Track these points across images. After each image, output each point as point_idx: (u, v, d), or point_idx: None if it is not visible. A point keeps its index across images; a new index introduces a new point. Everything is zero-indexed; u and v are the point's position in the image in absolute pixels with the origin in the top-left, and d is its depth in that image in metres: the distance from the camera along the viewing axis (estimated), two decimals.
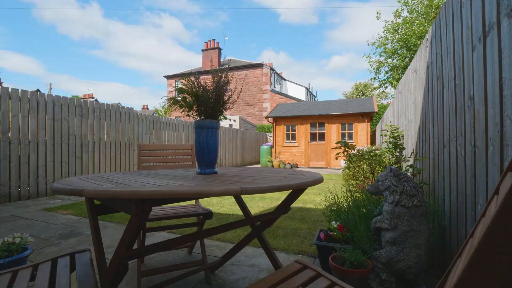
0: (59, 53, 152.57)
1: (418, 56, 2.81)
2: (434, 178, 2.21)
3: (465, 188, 1.57)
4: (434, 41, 2.17)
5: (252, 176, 1.25)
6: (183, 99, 1.37)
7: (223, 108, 1.39)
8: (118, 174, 1.47)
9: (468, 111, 1.50)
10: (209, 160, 1.41)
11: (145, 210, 0.83)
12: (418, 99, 2.83)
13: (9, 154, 4.49)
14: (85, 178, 1.22)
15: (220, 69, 1.38)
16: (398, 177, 1.84)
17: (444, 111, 1.95)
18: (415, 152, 2.86)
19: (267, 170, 1.69)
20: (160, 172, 1.56)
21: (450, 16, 1.79)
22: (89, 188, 0.83)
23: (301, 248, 2.55)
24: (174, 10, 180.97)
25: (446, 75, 1.89)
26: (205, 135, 1.39)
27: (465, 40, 1.53)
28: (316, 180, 1.09)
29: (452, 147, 1.80)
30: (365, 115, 11.22)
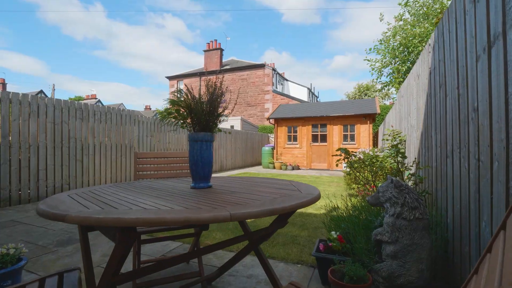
0: (63, 53, 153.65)
1: (421, 61, 2.75)
2: (437, 187, 2.16)
3: (469, 202, 1.52)
4: (437, 47, 2.12)
5: (246, 193, 1.21)
6: (177, 111, 1.33)
7: (218, 120, 1.35)
8: (111, 187, 1.43)
9: (472, 123, 1.45)
10: (203, 174, 1.37)
11: (130, 237, 0.79)
12: (420, 105, 2.78)
13: (10, 157, 4.49)
14: (75, 195, 1.19)
15: (215, 83, 1.34)
16: (399, 189, 1.79)
17: (447, 120, 1.90)
18: (417, 160, 2.80)
19: (263, 182, 1.64)
20: (154, 185, 1.52)
21: (453, 22, 1.73)
22: (72, 213, 0.80)
23: (300, 257, 2.50)
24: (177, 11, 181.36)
25: (449, 83, 1.83)
26: (199, 148, 1.35)
27: (469, 48, 1.47)
28: (312, 199, 1.05)
29: (455, 158, 1.75)
30: (367, 116, 11.13)
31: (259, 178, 1.83)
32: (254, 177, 1.95)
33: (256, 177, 1.89)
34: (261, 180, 1.72)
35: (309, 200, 1.03)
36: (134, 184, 1.58)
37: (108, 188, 1.38)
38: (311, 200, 1.03)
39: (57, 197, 1.13)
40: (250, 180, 1.73)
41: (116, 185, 1.55)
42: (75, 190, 1.35)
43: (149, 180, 1.78)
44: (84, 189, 1.35)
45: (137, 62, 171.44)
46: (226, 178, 1.87)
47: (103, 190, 1.31)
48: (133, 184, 1.55)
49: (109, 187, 1.46)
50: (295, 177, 9.03)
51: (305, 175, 9.66)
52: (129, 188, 1.38)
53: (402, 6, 9.13)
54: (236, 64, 22.84)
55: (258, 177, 1.89)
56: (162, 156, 2.43)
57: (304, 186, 1.45)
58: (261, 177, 1.90)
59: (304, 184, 1.50)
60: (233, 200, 1.02)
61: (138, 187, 1.44)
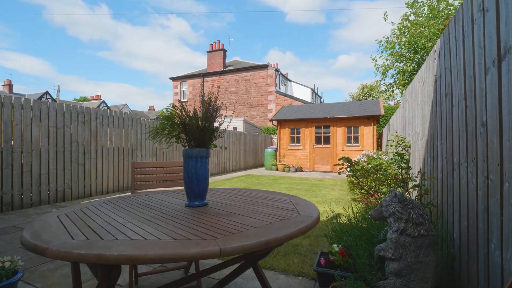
0: (68, 54, 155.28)
1: (426, 66, 2.67)
2: (442, 200, 2.08)
3: (477, 220, 1.45)
4: (443, 55, 2.04)
5: (242, 214, 1.16)
6: (171, 126, 1.29)
7: (213, 136, 1.30)
8: (105, 205, 1.39)
9: (481, 137, 1.38)
10: (198, 192, 1.32)
11: (113, 275, 0.75)
12: (425, 112, 2.70)
13: (12, 162, 4.50)
14: (64, 216, 1.15)
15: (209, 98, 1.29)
16: (403, 204, 1.72)
17: (454, 131, 1.82)
18: (422, 171, 2.72)
19: (262, 198, 1.59)
20: (149, 202, 1.48)
21: (460, 30, 1.66)
22: (53, 246, 0.75)
23: (301, 269, 2.44)
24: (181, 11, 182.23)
25: (456, 93, 1.76)
26: (194, 165, 1.30)
27: (477, 60, 1.40)
28: (310, 225, 0.99)
29: (462, 172, 1.68)
30: (371, 118, 11.00)
31: (259, 192, 1.77)
32: (253, 190, 1.90)
33: (256, 191, 1.84)
34: (260, 195, 1.67)
35: (306, 225, 0.97)
36: (130, 199, 1.54)
37: (101, 206, 1.34)
38: (308, 226, 0.98)
39: (45, 219, 1.09)
40: (249, 195, 1.67)
41: (111, 201, 1.51)
42: (68, 209, 1.31)
43: (146, 194, 1.74)
44: (77, 208, 1.31)
45: (142, 62, 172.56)
46: (224, 192, 1.82)
47: (95, 210, 1.27)
48: (128, 200, 1.51)
49: (103, 204, 1.42)
50: (298, 180, 8.96)
51: (308, 178, 9.58)
52: (123, 206, 1.34)
53: (409, 5, 8.99)
54: (239, 65, 22.81)
55: (257, 191, 1.84)
56: (160, 165, 2.39)
57: (303, 203, 1.39)
58: (261, 191, 1.85)
59: (304, 202, 1.45)
60: (226, 226, 0.97)
61: (132, 204, 1.40)
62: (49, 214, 1.18)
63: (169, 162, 2.39)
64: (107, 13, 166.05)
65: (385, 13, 9.54)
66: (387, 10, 10.87)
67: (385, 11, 9.86)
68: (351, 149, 11.41)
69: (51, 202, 5.06)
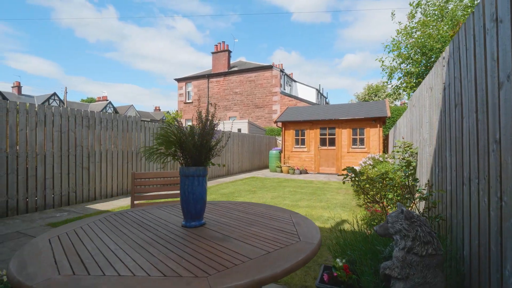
0: (76, 56, 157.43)
1: (434, 73, 2.58)
2: (451, 214, 2.00)
3: (489, 242, 1.37)
4: (452, 63, 1.96)
5: (238, 239, 1.11)
6: (166, 144, 1.24)
7: (211, 154, 1.25)
8: (100, 223, 1.36)
9: (493, 155, 1.30)
10: (195, 212, 1.27)
11: None
12: (433, 120, 2.61)
13: (17, 167, 4.53)
14: (56, 239, 1.11)
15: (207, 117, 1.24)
16: (410, 221, 1.65)
17: (464, 144, 1.74)
18: (430, 182, 2.63)
19: (262, 216, 1.53)
20: (145, 220, 1.44)
21: (471, 39, 1.58)
22: (36, 285, 0.71)
23: (304, 282, 2.38)
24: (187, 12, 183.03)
25: (466, 104, 1.68)
26: (190, 184, 1.26)
27: (490, 73, 1.32)
28: (309, 255, 0.93)
29: (473, 188, 1.60)
30: (377, 119, 10.85)
31: (258, 207, 1.72)
32: (253, 204, 1.85)
33: (256, 205, 1.79)
34: (259, 211, 1.61)
35: (306, 256, 0.92)
36: (126, 216, 1.50)
37: (95, 226, 1.30)
38: (308, 256, 0.92)
39: (36, 243, 1.05)
40: (248, 211, 1.62)
41: (107, 218, 1.47)
42: (62, 229, 1.28)
43: (143, 209, 1.70)
44: (70, 228, 1.28)
45: (148, 63, 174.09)
46: (223, 208, 1.77)
47: (89, 230, 1.24)
48: (125, 218, 1.47)
49: (98, 222, 1.38)
50: (302, 183, 8.88)
51: (312, 180, 9.49)
52: (118, 226, 1.30)
53: (414, 7, 8.82)
54: (244, 66, 22.78)
55: (257, 205, 1.79)
56: (161, 176, 2.35)
57: (304, 224, 1.33)
58: (261, 205, 1.79)
59: (305, 221, 1.39)
60: (221, 255, 0.92)
61: (128, 223, 1.36)
62: (42, 236, 1.15)
63: (170, 173, 2.36)
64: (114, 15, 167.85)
65: (393, 12, 9.37)
66: (394, 10, 10.64)
67: (393, 10, 9.70)
68: (356, 151, 11.27)
69: (56, 206, 5.09)
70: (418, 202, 2.63)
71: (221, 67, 22.89)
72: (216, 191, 7.26)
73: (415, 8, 8.65)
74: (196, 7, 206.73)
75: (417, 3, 8.65)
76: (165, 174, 2.34)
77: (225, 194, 6.82)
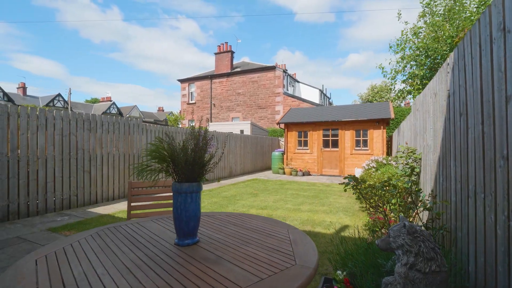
0: (81, 56, 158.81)
1: (438, 78, 2.51)
2: (456, 226, 1.93)
3: (496, 262, 1.30)
4: (457, 71, 1.89)
5: (231, 260, 1.06)
6: (159, 160, 1.20)
7: (204, 170, 1.21)
8: (90, 243, 1.32)
9: (501, 171, 1.24)
10: (188, 230, 1.23)
11: None
12: (437, 127, 2.54)
13: (18, 171, 4.54)
14: (43, 259, 1.08)
15: (198, 130, 1.19)
16: (413, 235, 1.59)
17: (469, 156, 1.68)
18: (434, 192, 2.56)
19: (258, 231, 1.49)
20: (139, 234, 1.40)
21: (476, 48, 1.52)
22: None
23: None
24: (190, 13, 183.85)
25: (472, 115, 1.61)
26: (183, 201, 1.21)
27: (497, 84, 1.26)
28: (305, 282, 0.88)
29: (478, 202, 1.53)
30: (380, 121, 10.74)
31: (256, 220, 1.67)
32: (251, 217, 1.80)
33: (253, 218, 1.74)
34: (256, 225, 1.57)
35: (301, 284, 0.87)
36: (120, 231, 1.47)
37: (86, 244, 1.27)
38: (303, 283, 0.87)
39: (21, 266, 1.02)
40: (244, 225, 1.58)
41: (99, 233, 1.44)
42: (52, 246, 1.24)
43: (138, 221, 1.67)
44: (59, 246, 1.24)
45: (152, 63, 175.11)
46: (219, 221, 1.72)
47: (78, 249, 1.20)
48: (117, 234, 1.43)
49: (90, 239, 1.34)
50: (305, 185, 8.81)
51: (315, 183, 9.42)
52: (109, 244, 1.26)
53: (423, 5, 8.67)
54: (247, 66, 22.75)
55: (255, 218, 1.74)
56: (159, 185, 2.32)
57: (301, 242, 1.28)
58: (259, 218, 1.75)
59: (302, 238, 1.34)
60: (211, 282, 0.88)
61: (120, 240, 1.32)
62: (28, 256, 1.12)
63: (168, 181, 2.32)
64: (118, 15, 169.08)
65: (399, 12, 9.17)
66: (400, 9, 10.48)
67: (399, 9, 9.56)
68: (360, 153, 11.17)
69: (57, 210, 5.09)
70: (422, 212, 2.56)
71: (224, 68, 22.88)
72: (218, 194, 7.22)
73: (426, 7, 8.50)
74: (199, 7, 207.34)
75: (427, 2, 8.50)
76: (163, 183, 2.30)
77: (226, 197, 6.78)
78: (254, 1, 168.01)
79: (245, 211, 5.31)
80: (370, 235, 3.96)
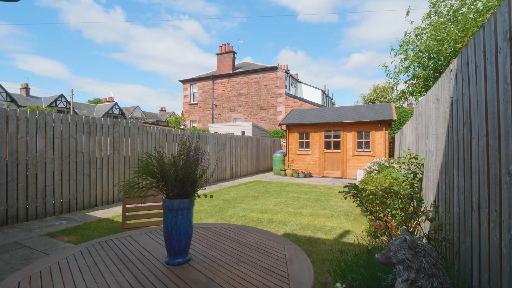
0: (84, 57, 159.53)
1: (441, 84, 2.45)
2: (459, 238, 1.87)
3: (501, 281, 1.25)
4: (460, 78, 1.83)
5: (225, 285, 1.01)
6: (151, 174, 1.15)
7: (196, 186, 1.16)
8: (78, 261, 1.28)
9: (506, 188, 1.18)
10: (179, 248, 1.18)
11: None
12: (440, 133, 2.47)
13: (17, 175, 4.52)
14: (27, 281, 1.03)
15: (188, 147, 1.15)
16: (414, 250, 1.53)
17: (473, 167, 1.62)
18: (436, 203, 2.49)
19: (253, 247, 1.44)
20: (130, 250, 1.36)
21: (481, 56, 1.46)
22: None
23: None
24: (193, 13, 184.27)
25: (476, 125, 1.56)
26: (174, 219, 1.17)
27: (503, 96, 1.20)
28: None
29: (482, 217, 1.47)
30: (383, 122, 10.65)
31: (253, 234, 1.63)
32: (248, 230, 1.75)
33: (251, 231, 1.69)
34: (252, 240, 1.52)
35: None
36: (110, 246, 1.42)
37: (73, 263, 1.22)
38: None
39: (5, 285, 0.98)
40: (240, 240, 1.53)
41: (89, 249, 1.39)
42: (37, 265, 1.20)
43: (131, 235, 1.62)
44: (46, 265, 1.20)
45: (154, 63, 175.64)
46: (215, 234, 1.68)
47: (64, 268, 1.16)
48: (108, 249, 1.39)
49: (78, 256, 1.30)
50: (306, 187, 8.74)
51: (317, 185, 9.35)
52: (97, 262, 1.22)
53: (430, 6, 8.56)
54: (248, 67, 22.70)
55: (252, 231, 1.69)
56: (157, 194, 2.27)
57: (297, 261, 1.23)
58: (256, 231, 1.70)
59: (299, 256, 1.29)
60: None
61: (109, 257, 1.28)
62: (13, 277, 1.07)
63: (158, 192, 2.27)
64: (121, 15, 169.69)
65: (408, 12, 8.98)
66: (410, 6, 10.32)
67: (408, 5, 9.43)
68: (362, 155, 11.08)
69: (56, 213, 5.07)
70: (424, 222, 2.50)
71: (225, 69, 22.85)
72: (219, 196, 7.18)
73: (432, 8, 8.39)
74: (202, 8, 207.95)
75: (433, 2, 8.40)
76: (158, 193, 2.26)
77: (227, 200, 6.74)
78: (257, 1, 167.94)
79: (245, 215, 5.26)
80: (371, 241, 3.90)
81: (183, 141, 1.15)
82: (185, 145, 1.15)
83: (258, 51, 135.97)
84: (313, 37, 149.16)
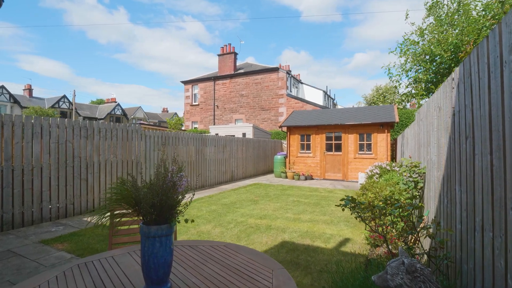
0: (87, 57, 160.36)
1: (443, 92, 2.35)
2: (462, 257, 1.77)
3: None
4: (463, 88, 1.73)
5: None
6: (124, 199, 1.07)
7: (175, 211, 1.08)
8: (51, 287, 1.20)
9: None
10: (157, 278, 1.10)
11: None
12: (441, 143, 2.37)
13: (12, 181, 4.47)
14: None
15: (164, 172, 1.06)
16: (412, 275, 1.44)
17: (476, 186, 1.52)
18: (437, 218, 2.39)
19: (240, 275, 1.35)
20: (109, 275, 1.28)
21: (484, 69, 1.36)
22: None
23: None
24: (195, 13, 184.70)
25: (479, 141, 1.46)
26: (151, 246, 1.09)
27: (508, 114, 1.11)
28: None
29: (486, 240, 1.37)
30: (385, 124, 10.51)
31: (241, 255, 1.54)
32: (237, 250, 1.67)
33: (239, 251, 1.61)
34: (239, 263, 1.43)
35: None
36: (89, 269, 1.35)
37: (68, 284, 1.15)
38: None
39: None
40: (226, 263, 1.44)
41: (68, 272, 1.32)
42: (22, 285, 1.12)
43: (113, 255, 1.54)
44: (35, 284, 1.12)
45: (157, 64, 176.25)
46: (201, 254, 1.59)
47: None
48: (85, 273, 1.31)
49: (52, 282, 1.22)
50: (307, 191, 8.64)
51: (318, 188, 9.24)
52: (79, 284, 1.14)
53: (427, 9, 8.43)
54: (250, 68, 22.63)
55: (241, 251, 1.61)
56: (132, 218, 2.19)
57: None
58: (245, 251, 1.61)
59: (287, 286, 1.20)
60: None
61: (85, 283, 1.20)
62: None
63: None
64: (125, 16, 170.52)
65: (407, 13, 8.85)
66: (408, 9, 10.19)
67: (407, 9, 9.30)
68: (363, 157, 10.95)
69: (53, 219, 5.02)
70: (424, 238, 2.40)
71: (227, 69, 22.80)
72: (218, 200, 7.11)
73: (429, 11, 8.25)
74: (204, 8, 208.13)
75: (430, 5, 8.26)
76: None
77: (226, 204, 6.66)
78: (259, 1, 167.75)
79: (243, 221, 5.17)
80: (371, 250, 3.79)
81: (161, 163, 1.07)
82: (161, 168, 1.06)
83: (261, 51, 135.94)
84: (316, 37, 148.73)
